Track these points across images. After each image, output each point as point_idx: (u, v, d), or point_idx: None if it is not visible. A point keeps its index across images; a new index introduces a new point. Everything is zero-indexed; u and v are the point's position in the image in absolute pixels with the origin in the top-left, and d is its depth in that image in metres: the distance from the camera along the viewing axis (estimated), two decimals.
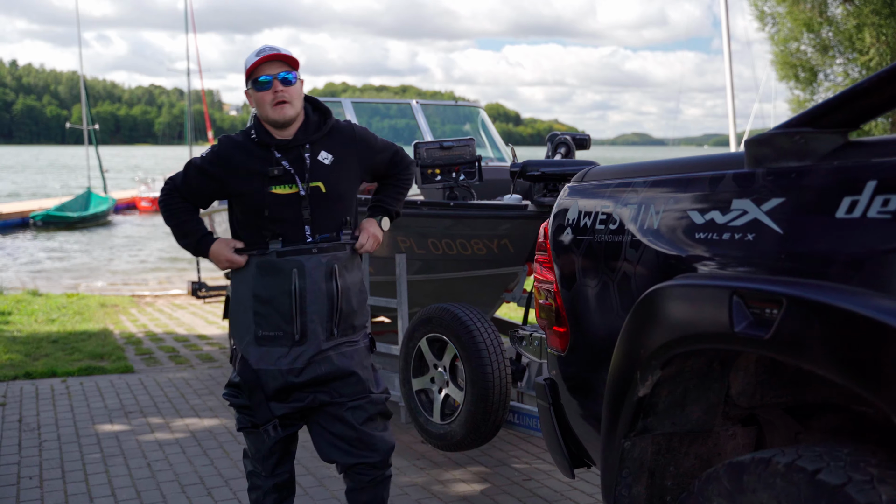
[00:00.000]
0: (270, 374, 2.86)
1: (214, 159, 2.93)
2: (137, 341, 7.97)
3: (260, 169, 2.85)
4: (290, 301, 2.82)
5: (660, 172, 2.13)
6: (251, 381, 2.87)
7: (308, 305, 2.82)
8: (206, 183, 2.95)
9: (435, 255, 4.58)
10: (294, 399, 2.89)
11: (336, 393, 2.90)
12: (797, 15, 25.82)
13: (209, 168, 2.93)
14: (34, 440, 4.84)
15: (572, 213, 2.42)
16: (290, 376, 2.85)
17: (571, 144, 5.02)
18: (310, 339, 2.85)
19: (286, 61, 2.87)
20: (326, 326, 2.86)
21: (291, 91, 2.85)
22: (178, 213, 3.01)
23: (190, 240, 3.01)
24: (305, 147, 2.89)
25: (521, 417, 3.86)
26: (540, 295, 2.57)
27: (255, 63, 2.83)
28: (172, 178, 3.03)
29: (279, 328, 2.84)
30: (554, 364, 2.52)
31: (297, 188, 2.85)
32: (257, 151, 2.89)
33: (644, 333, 1.90)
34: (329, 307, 2.85)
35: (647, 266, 2.04)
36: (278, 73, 2.84)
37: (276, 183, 2.84)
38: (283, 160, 2.87)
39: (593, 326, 2.29)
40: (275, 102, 2.83)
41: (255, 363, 2.87)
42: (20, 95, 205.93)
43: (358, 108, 6.46)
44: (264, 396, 2.87)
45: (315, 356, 2.86)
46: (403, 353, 4.15)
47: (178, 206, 3.01)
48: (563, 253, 2.43)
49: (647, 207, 2.09)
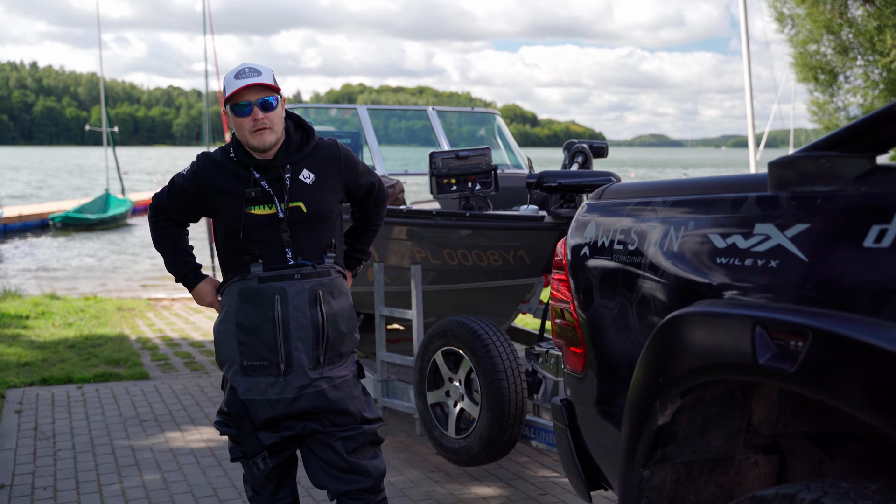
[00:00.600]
0: (259, 404, 2.79)
1: (193, 177, 2.86)
2: (153, 346, 7.97)
3: (238, 189, 2.77)
4: (273, 329, 2.73)
5: (680, 192, 2.08)
6: (239, 411, 2.81)
7: (292, 333, 2.74)
8: (187, 201, 2.89)
9: (450, 266, 4.54)
10: (284, 427, 2.82)
11: (328, 422, 2.83)
12: (817, 16, 25.61)
13: (188, 186, 2.87)
14: (49, 449, 4.84)
15: (590, 231, 2.38)
16: (279, 407, 2.78)
17: (589, 153, 4.97)
18: (295, 369, 2.76)
19: (267, 87, 2.75)
20: (312, 355, 2.77)
21: (272, 116, 2.75)
22: (165, 240, 2.98)
23: (177, 273, 3.01)
24: (286, 167, 2.80)
25: (537, 432, 3.81)
26: (557, 313, 2.52)
27: (237, 90, 2.73)
28: (157, 196, 2.96)
29: (264, 357, 2.77)
30: (571, 385, 2.47)
31: (275, 209, 2.77)
32: (236, 171, 2.80)
33: (663, 361, 1.85)
34: (314, 335, 2.76)
35: (667, 290, 1.99)
36: (258, 99, 2.73)
37: (253, 203, 2.76)
38: (262, 180, 2.79)
39: (611, 349, 2.24)
40: (255, 129, 2.73)
41: (244, 394, 2.80)
42: (40, 97, 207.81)
43: (374, 115, 6.43)
44: (252, 427, 2.81)
45: (306, 387, 2.78)
46: (418, 365, 4.12)
47: (166, 230, 2.97)
48: (580, 272, 2.39)
49: (666, 228, 2.05)
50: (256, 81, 2.73)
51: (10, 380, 6.39)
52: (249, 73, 2.75)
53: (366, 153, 6.23)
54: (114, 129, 31.97)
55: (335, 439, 2.83)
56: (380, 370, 4.77)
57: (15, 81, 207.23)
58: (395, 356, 4.67)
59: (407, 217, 4.56)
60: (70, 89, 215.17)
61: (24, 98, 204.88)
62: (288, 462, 2.95)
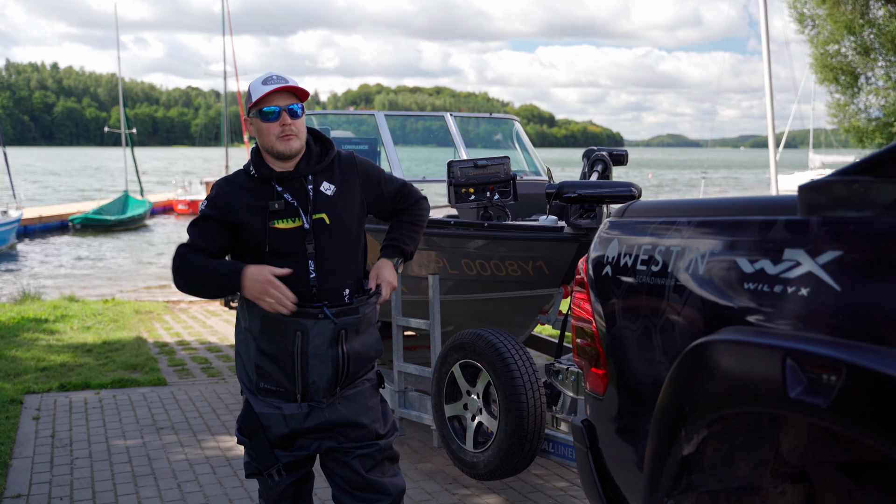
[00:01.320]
0: (273, 417, 2.76)
1: (213, 203, 2.78)
2: (170, 351, 7.98)
3: (260, 204, 2.73)
4: (292, 362, 2.70)
5: (706, 213, 2.03)
6: (252, 424, 2.78)
7: (311, 370, 2.70)
8: (215, 227, 2.77)
9: (468, 276, 4.50)
10: (298, 447, 2.79)
11: (343, 437, 2.80)
12: (838, 17, 25.35)
13: (211, 212, 2.77)
14: (66, 457, 4.84)
15: (612, 249, 2.33)
16: (293, 422, 2.75)
17: (608, 161, 4.92)
18: (311, 398, 2.75)
19: (295, 93, 2.75)
20: (329, 388, 2.74)
21: (298, 124, 2.75)
22: (195, 262, 2.73)
23: (220, 278, 2.69)
24: (308, 178, 2.78)
25: (556, 446, 3.76)
26: (578, 332, 2.48)
27: (264, 94, 2.72)
28: (181, 245, 2.80)
29: (280, 385, 2.74)
30: (592, 405, 2.43)
31: (300, 221, 2.72)
32: (257, 187, 2.77)
33: (689, 390, 1.80)
34: (333, 372, 2.73)
35: (692, 314, 1.94)
36: (287, 105, 2.73)
37: (278, 217, 2.72)
38: (284, 193, 2.75)
39: (634, 372, 2.20)
40: (282, 135, 2.71)
41: (258, 407, 2.79)
42: (61, 98, 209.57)
43: (391, 121, 6.39)
44: (266, 440, 2.78)
45: (320, 405, 2.77)
46: (436, 377, 4.08)
47: (195, 258, 2.74)
48: (602, 291, 2.34)
49: (691, 250, 2.00)
50: (286, 85, 2.73)
51: (29, 385, 6.41)
52: (278, 80, 2.76)
53: (383, 159, 6.19)
54: (132, 131, 32.14)
55: (352, 457, 2.80)
56: (397, 381, 4.74)
57: (36, 82, 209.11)
58: (412, 367, 4.63)
59: None
60: (90, 90, 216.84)
61: (44, 99, 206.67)
62: (304, 478, 2.92)
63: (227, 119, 37.77)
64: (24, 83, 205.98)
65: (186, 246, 2.76)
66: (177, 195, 33.00)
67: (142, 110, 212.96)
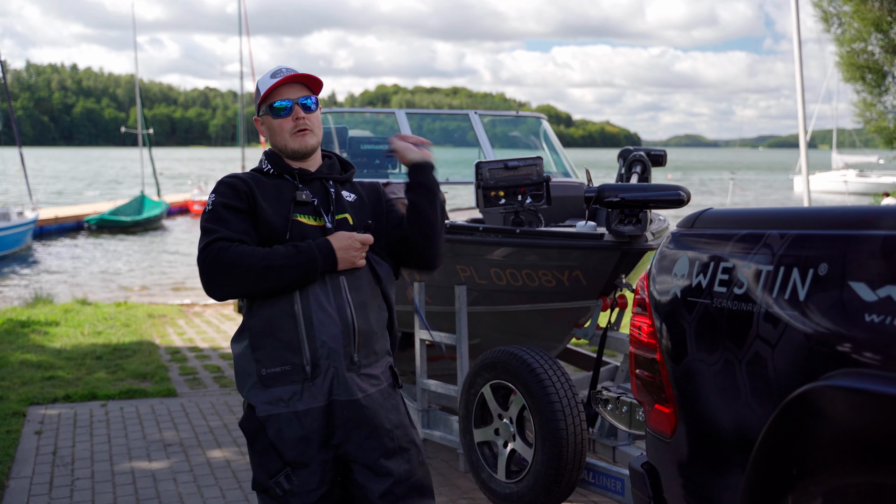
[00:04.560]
0: (284, 419, 2.37)
1: (234, 194, 2.41)
2: (182, 358, 7.69)
3: (281, 196, 2.43)
4: (293, 324, 2.34)
5: (806, 224, 1.68)
6: (252, 427, 2.40)
7: (316, 328, 2.34)
8: (241, 218, 2.40)
9: (497, 286, 4.15)
10: (321, 449, 2.41)
11: (357, 446, 2.42)
12: (865, 14, 24.81)
13: (236, 203, 2.40)
14: (67, 478, 4.53)
15: (681, 267, 1.98)
16: (309, 420, 2.37)
17: (647, 162, 4.56)
18: (323, 370, 2.36)
19: (307, 83, 2.48)
20: (345, 352, 2.37)
21: (312, 118, 2.48)
22: (250, 256, 2.32)
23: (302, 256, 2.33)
24: (329, 182, 2.51)
25: (597, 477, 3.41)
26: (639, 362, 2.13)
27: (273, 86, 2.43)
28: (214, 239, 2.35)
29: (285, 361, 2.36)
30: (656, 448, 2.08)
31: (322, 221, 2.44)
32: (276, 182, 2.47)
33: (799, 448, 1.45)
34: (343, 327, 2.36)
35: (792, 349, 1.59)
36: (299, 98, 2.46)
37: (301, 211, 2.42)
38: (305, 190, 2.46)
39: (712, 413, 1.85)
40: (295, 130, 2.44)
41: (264, 410, 2.39)
42: (80, 98, 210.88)
43: (412, 120, 6.07)
44: (270, 443, 2.38)
45: (339, 392, 2.38)
46: (464, 399, 3.74)
47: (244, 250, 2.33)
48: (668, 315, 1.99)
49: (788, 270, 1.65)
50: (296, 74, 2.45)
51: (34, 395, 6.13)
52: (287, 71, 2.48)
53: None
54: (149, 131, 32.02)
55: (375, 496, 2.45)
56: (420, 398, 4.40)
57: (56, 83, 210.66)
58: (436, 383, 4.29)
59: (450, 232, 4.16)
60: (109, 91, 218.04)
61: (64, 100, 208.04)
62: None
63: (244, 119, 37.68)
64: (45, 84, 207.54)
65: (224, 240, 2.33)
66: (192, 196, 32.86)
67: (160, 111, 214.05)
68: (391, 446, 2.45)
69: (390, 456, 2.44)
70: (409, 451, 2.48)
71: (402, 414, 2.51)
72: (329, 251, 2.35)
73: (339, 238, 2.38)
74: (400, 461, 2.45)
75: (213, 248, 2.31)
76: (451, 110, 7.59)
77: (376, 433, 2.42)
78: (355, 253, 2.39)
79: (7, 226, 19.87)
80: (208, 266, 2.32)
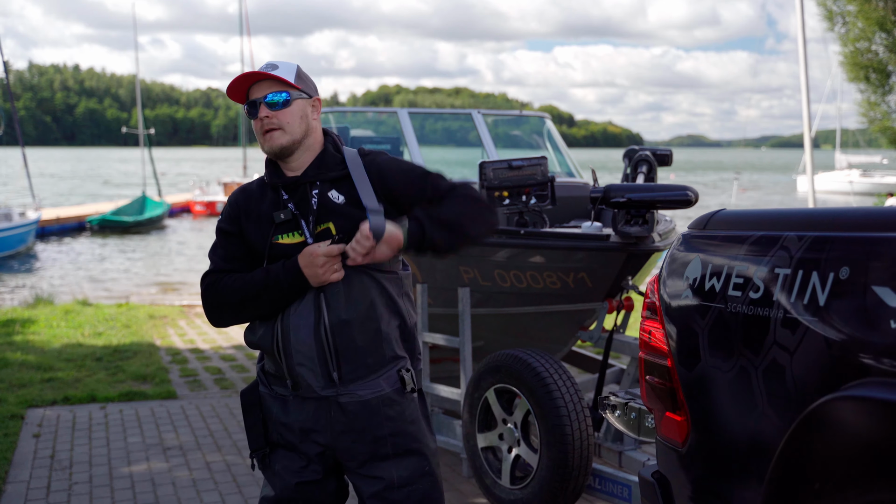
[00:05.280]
0: (278, 401, 2.37)
1: (228, 215, 2.43)
2: (183, 360, 7.63)
3: (267, 213, 2.35)
4: (272, 342, 2.31)
5: (826, 226, 1.61)
6: (249, 400, 2.42)
7: (293, 347, 2.27)
8: (235, 243, 2.40)
9: (501, 288, 4.08)
10: (307, 443, 2.37)
11: (349, 451, 2.34)
12: (869, 13, 24.71)
13: (227, 227, 2.42)
14: (64, 482, 4.47)
15: (693, 269, 1.91)
16: (297, 414, 2.35)
17: (653, 161, 4.50)
18: (303, 387, 2.31)
19: (279, 80, 2.31)
20: (322, 371, 2.28)
21: (283, 115, 2.30)
22: (231, 288, 2.34)
23: (273, 283, 2.27)
24: (315, 184, 2.36)
25: (604, 483, 3.34)
26: (649, 368, 2.06)
27: (236, 81, 2.31)
28: (207, 273, 2.42)
29: (276, 368, 2.37)
30: (667, 457, 2.01)
31: (302, 236, 2.32)
32: (268, 194, 2.39)
33: (820, 463, 1.38)
34: (318, 347, 2.26)
35: (811, 357, 1.52)
36: (266, 95, 2.30)
37: (281, 231, 2.33)
38: (290, 202, 2.35)
39: (727, 422, 1.78)
40: (262, 131, 2.32)
41: (263, 389, 2.43)
42: (82, 98, 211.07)
43: (414, 119, 6.00)
44: (260, 419, 2.40)
45: (322, 408, 2.32)
46: (468, 403, 3.67)
47: (228, 281, 2.36)
48: (680, 320, 1.92)
49: (807, 274, 1.58)
50: (259, 72, 2.30)
51: (33, 397, 6.07)
52: (263, 68, 2.33)
53: (406, 159, 5.80)
54: (150, 131, 31.98)
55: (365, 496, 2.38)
56: None
57: (58, 83, 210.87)
58: (439, 387, 4.22)
59: None
60: (111, 91, 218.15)
61: (66, 100, 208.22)
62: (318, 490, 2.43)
63: (245, 120, 37.77)
64: (47, 84, 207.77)
65: (214, 273, 2.39)
66: (194, 196, 32.81)
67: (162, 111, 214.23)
68: (384, 452, 2.36)
69: (382, 460, 2.36)
70: (409, 457, 2.37)
71: (407, 421, 2.37)
72: (296, 271, 2.26)
73: (304, 255, 2.25)
74: (396, 467, 2.35)
75: (204, 285, 2.39)
76: (454, 109, 7.52)
77: (363, 438, 2.34)
78: (320, 269, 2.23)
79: (9, 226, 19.83)
80: (203, 301, 2.40)
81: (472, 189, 2.38)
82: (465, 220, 2.29)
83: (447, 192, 2.33)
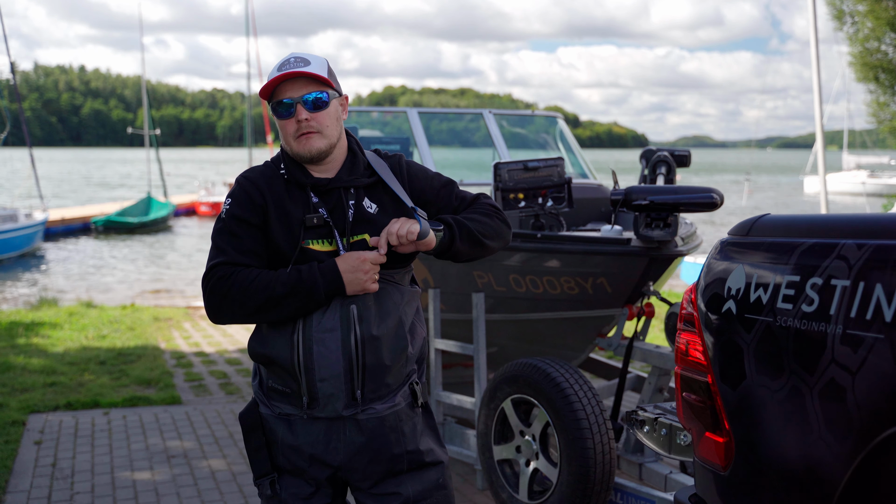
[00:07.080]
0: (282, 424, 2.20)
1: (245, 204, 2.20)
2: (188, 364, 7.51)
3: (296, 212, 2.17)
4: (291, 354, 2.12)
5: (889, 234, 1.48)
6: (250, 422, 2.23)
7: (316, 362, 2.11)
8: (252, 234, 2.19)
9: (517, 293, 3.95)
10: (314, 467, 2.22)
11: (361, 475, 2.21)
12: (879, 13, 24.53)
13: (246, 215, 2.19)
14: (66, 492, 4.35)
15: (736, 279, 1.78)
16: (305, 436, 2.19)
17: (672, 163, 4.36)
18: (322, 404, 2.15)
19: (316, 79, 2.17)
20: (346, 389, 2.14)
21: (322, 117, 2.17)
22: (252, 280, 2.12)
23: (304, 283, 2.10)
24: (350, 191, 2.21)
25: (626, 498, 3.21)
26: (685, 384, 1.92)
27: (272, 82, 2.15)
28: (216, 264, 2.17)
29: (286, 384, 2.18)
30: (706, 480, 1.87)
31: (335, 245, 2.16)
32: (295, 193, 2.21)
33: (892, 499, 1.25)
34: (346, 364, 2.12)
35: (877, 378, 1.38)
36: (302, 95, 2.15)
37: (312, 236, 2.16)
38: (320, 206, 2.18)
39: (776, 447, 1.64)
40: (298, 134, 2.16)
41: (264, 409, 2.24)
42: (88, 99, 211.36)
43: (424, 119, 5.87)
44: (263, 442, 2.22)
45: (338, 429, 2.18)
46: (483, 414, 3.53)
47: (245, 275, 2.13)
48: (722, 334, 1.79)
49: (869, 286, 1.44)
50: (300, 70, 2.13)
51: (35, 402, 5.96)
52: (294, 63, 2.17)
53: (416, 160, 5.67)
54: (156, 132, 31.91)
55: None
56: (435, 410, 4.19)
57: (64, 84, 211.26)
58: (452, 396, 4.09)
59: None
60: (117, 91, 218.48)
61: (72, 101, 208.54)
62: None
63: (251, 120, 37.63)
64: (53, 85, 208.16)
65: (227, 264, 2.15)
66: (199, 197, 32.72)
67: (168, 112, 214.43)
68: (399, 468, 2.24)
69: (396, 476, 2.24)
70: (423, 471, 2.27)
71: (419, 436, 2.27)
72: (334, 275, 2.10)
73: (347, 259, 2.10)
74: (411, 481, 2.25)
75: (215, 276, 2.14)
76: (465, 109, 7.39)
77: (380, 458, 2.22)
78: (364, 276, 2.10)
79: (14, 227, 19.74)
80: (209, 293, 2.15)
81: (493, 201, 2.36)
82: (488, 233, 2.26)
83: (471, 202, 2.31)
